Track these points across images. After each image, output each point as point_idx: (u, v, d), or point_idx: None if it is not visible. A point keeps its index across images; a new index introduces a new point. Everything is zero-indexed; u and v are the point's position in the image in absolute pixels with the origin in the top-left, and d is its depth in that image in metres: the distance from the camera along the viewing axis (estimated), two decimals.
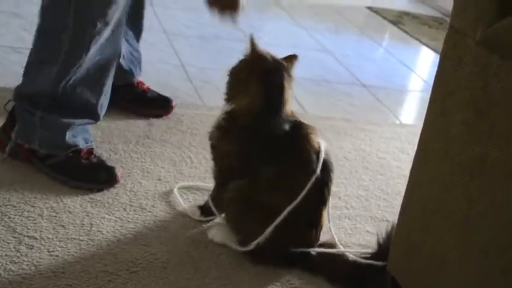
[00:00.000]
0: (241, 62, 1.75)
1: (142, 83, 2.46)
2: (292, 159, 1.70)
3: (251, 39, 1.72)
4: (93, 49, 1.85)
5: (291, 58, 1.78)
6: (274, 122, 1.70)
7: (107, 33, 1.86)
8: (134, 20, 2.31)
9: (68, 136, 1.93)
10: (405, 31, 4.54)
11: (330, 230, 1.81)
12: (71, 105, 1.92)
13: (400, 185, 2.29)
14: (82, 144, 1.97)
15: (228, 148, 1.74)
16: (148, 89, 2.47)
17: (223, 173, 1.78)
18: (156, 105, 2.45)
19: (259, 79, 1.71)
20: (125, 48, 2.31)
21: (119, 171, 1.97)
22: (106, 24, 1.83)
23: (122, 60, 2.30)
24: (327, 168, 1.72)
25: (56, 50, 1.85)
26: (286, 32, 3.97)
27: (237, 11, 1.91)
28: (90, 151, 1.99)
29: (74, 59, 1.85)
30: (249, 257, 1.72)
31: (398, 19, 4.79)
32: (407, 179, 1.56)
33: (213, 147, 1.79)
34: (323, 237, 1.79)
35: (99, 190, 1.91)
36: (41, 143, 1.92)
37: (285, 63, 1.75)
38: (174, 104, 2.48)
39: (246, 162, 1.71)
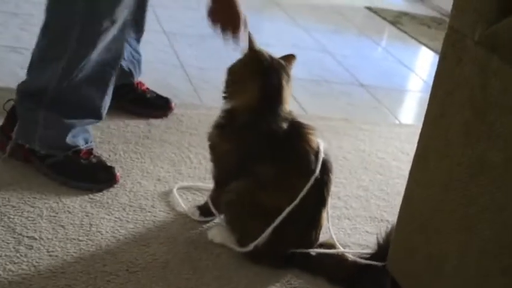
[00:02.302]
0: (240, 60, 1.76)
1: (141, 84, 2.46)
2: (291, 160, 1.70)
3: (249, 37, 1.73)
4: (100, 48, 1.85)
5: (289, 58, 1.78)
6: (272, 119, 1.70)
7: (113, 32, 1.86)
8: (136, 21, 2.32)
9: (69, 137, 1.93)
10: (404, 31, 4.55)
11: (329, 230, 1.81)
12: (75, 104, 1.92)
13: (400, 185, 2.29)
14: (82, 145, 1.97)
15: (226, 147, 1.74)
16: (148, 89, 2.47)
17: (222, 173, 1.78)
18: (156, 106, 2.45)
19: (258, 77, 1.71)
20: (125, 49, 2.32)
21: (118, 171, 1.98)
22: (113, 22, 1.83)
23: (122, 61, 2.31)
24: (326, 168, 1.72)
25: (62, 47, 1.84)
26: (285, 31, 3.97)
27: (238, 29, 1.91)
28: (90, 151, 1.99)
29: (80, 57, 1.84)
30: (249, 258, 1.72)
31: (397, 19, 4.79)
32: (406, 179, 1.56)
33: (212, 147, 1.79)
34: (322, 237, 1.80)
35: (99, 190, 1.91)
36: (41, 143, 1.92)
37: (283, 63, 1.75)
38: (173, 104, 2.48)
39: (243, 161, 1.71)
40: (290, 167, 1.69)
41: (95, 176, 1.94)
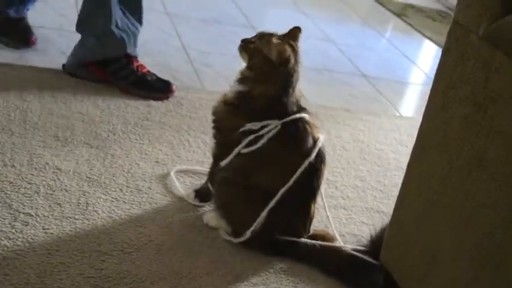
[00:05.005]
0: (260, 52, 1.74)
1: (142, 66, 2.46)
2: (291, 137, 1.71)
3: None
4: None
5: (295, 31, 1.79)
6: (286, 104, 1.72)
7: None
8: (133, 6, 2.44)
9: None
10: (409, 23, 4.53)
11: (330, 222, 1.82)
12: None
13: (397, 177, 2.29)
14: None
15: (236, 123, 1.73)
16: (149, 72, 2.47)
17: (222, 149, 1.77)
18: (156, 89, 2.45)
19: (282, 76, 1.72)
20: (119, 18, 2.37)
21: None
22: None
23: (114, 28, 2.35)
24: (321, 159, 1.72)
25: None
26: (289, 19, 3.95)
27: None
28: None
29: None
30: (239, 243, 1.73)
31: (402, 11, 4.77)
32: (404, 171, 1.56)
33: (218, 122, 1.79)
34: (319, 226, 1.80)
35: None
36: None
37: (298, 49, 1.77)
38: (174, 87, 2.48)
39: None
40: (288, 143, 1.71)
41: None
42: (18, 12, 2.58)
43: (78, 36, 2.47)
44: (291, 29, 1.78)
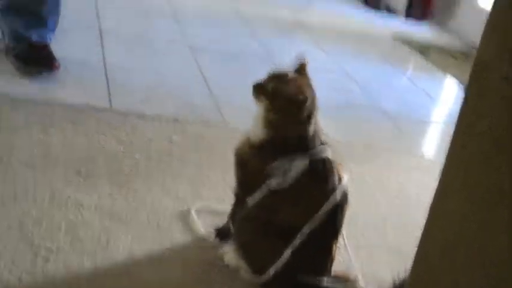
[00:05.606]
0: (282, 93, 1.73)
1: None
2: (316, 178, 1.71)
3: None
4: None
5: (303, 67, 1.85)
6: (310, 139, 1.73)
7: None
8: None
9: None
10: (430, 61, 4.54)
11: (351, 264, 1.81)
12: None
13: (419, 215, 2.27)
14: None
15: (264, 165, 1.70)
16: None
17: (246, 190, 1.76)
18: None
19: (304, 109, 1.71)
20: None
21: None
22: None
23: None
24: (344, 199, 1.72)
25: None
26: (308, 55, 3.96)
27: None
28: None
29: None
30: (261, 283, 1.72)
31: (423, 49, 4.78)
32: (426, 209, 1.55)
33: (243, 164, 1.77)
34: (339, 267, 1.79)
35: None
36: None
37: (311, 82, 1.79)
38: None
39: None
40: (315, 180, 1.70)
41: None
42: (41, 37, 2.62)
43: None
44: (299, 65, 1.81)
